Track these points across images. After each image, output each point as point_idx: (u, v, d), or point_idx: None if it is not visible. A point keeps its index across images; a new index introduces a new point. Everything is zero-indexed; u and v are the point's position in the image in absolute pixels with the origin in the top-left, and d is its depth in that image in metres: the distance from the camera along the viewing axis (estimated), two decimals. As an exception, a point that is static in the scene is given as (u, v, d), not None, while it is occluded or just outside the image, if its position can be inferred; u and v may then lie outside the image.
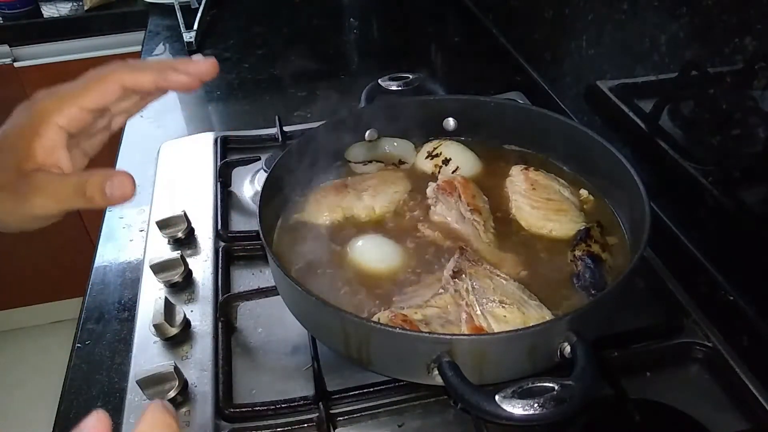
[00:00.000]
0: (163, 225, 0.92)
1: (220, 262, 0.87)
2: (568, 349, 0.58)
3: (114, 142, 1.21)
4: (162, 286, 0.85)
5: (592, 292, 0.70)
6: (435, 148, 0.93)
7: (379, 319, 0.66)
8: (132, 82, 0.53)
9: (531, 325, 0.62)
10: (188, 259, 0.88)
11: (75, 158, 0.56)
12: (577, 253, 0.74)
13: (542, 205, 0.81)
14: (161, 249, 0.91)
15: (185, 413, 0.69)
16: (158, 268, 0.84)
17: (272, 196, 0.79)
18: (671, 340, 0.75)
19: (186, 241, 0.92)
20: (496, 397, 0.51)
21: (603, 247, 0.75)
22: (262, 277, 0.87)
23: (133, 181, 0.49)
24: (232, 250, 0.90)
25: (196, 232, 0.94)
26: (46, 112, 0.51)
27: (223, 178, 1.02)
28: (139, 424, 0.36)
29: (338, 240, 0.80)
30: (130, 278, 0.89)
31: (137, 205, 1.02)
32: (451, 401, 0.70)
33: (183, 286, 0.85)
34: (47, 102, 0.52)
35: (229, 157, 1.06)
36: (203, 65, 0.55)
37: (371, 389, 0.70)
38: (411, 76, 0.99)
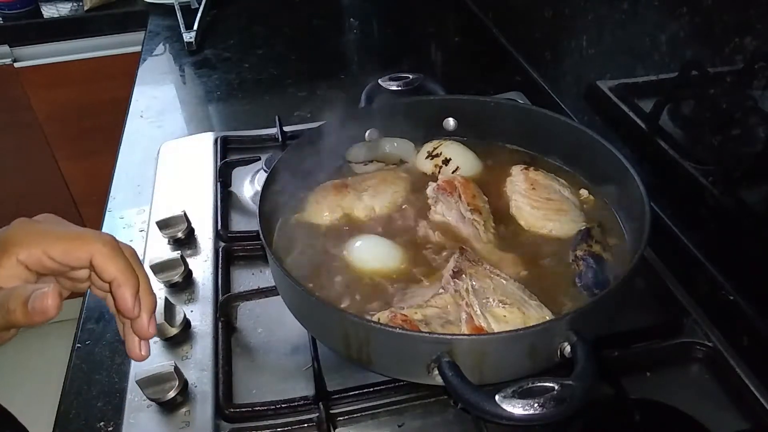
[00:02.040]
0: (163, 225, 0.92)
1: (220, 262, 0.87)
2: (568, 348, 0.58)
3: (114, 142, 1.21)
4: (162, 286, 0.85)
5: (595, 291, 0.70)
6: (435, 148, 0.93)
7: (379, 319, 0.66)
8: (98, 263, 0.51)
9: (531, 325, 0.62)
10: (188, 259, 0.88)
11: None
12: (579, 253, 0.74)
13: (542, 205, 0.81)
14: (161, 249, 0.91)
15: (185, 413, 0.69)
16: (158, 268, 0.84)
17: (272, 196, 0.79)
18: (671, 340, 0.75)
19: (186, 241, 0.92)
20: (496, 397, 0.51)
21: (604, 247, 0.75)
22: (262, 277, 0.87)
23: (58, 297, 0.46)
24: (232, 250, 0.90)
25: (196, 232, 0.94)
26: (11, 243, 0.50)
27: (223, 178, 1.02)
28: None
29: (338, 240, 0.80)
30: (130, 278, 0.89)
31: (137, 205, 1.02)
32: (451, 401, 0.70)
33: (183, 286, 0.85)
34: (17, 233, 0.51)
35: (229, 157, 1.06)
36: (144, 329, 0.53)
37: (371, 389, 0.70)
38: (411, 76, 0.99)
